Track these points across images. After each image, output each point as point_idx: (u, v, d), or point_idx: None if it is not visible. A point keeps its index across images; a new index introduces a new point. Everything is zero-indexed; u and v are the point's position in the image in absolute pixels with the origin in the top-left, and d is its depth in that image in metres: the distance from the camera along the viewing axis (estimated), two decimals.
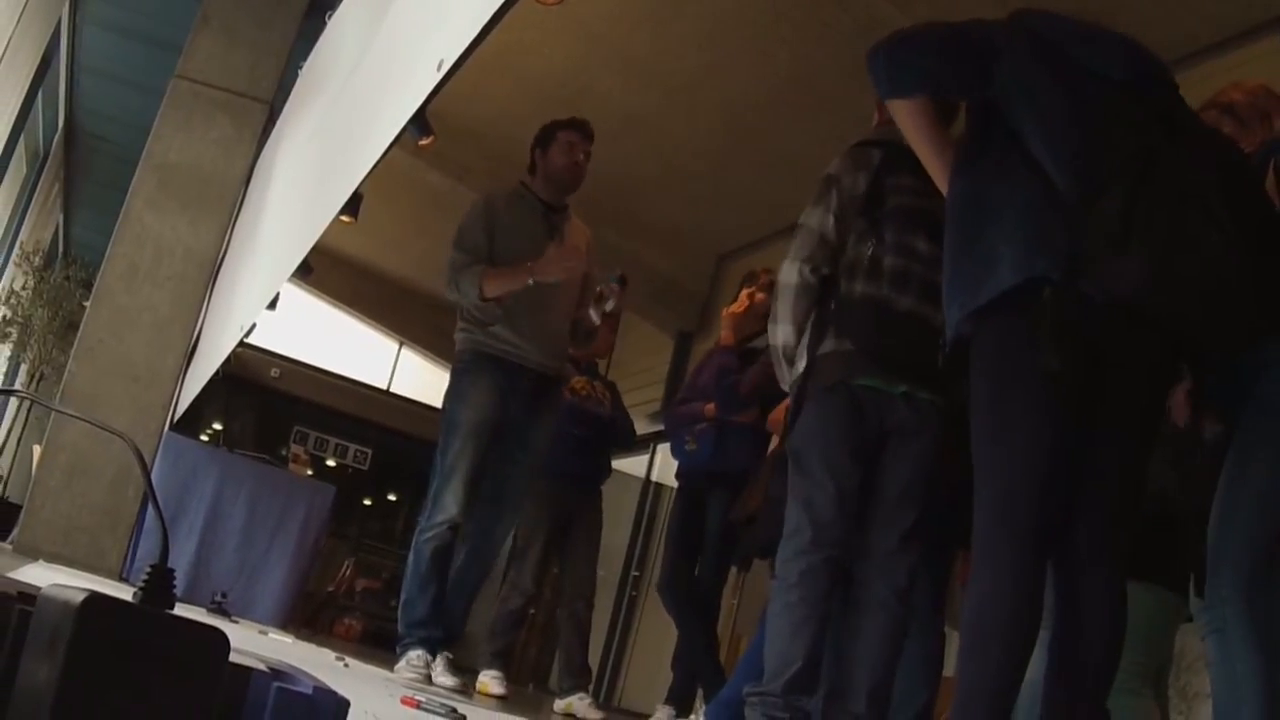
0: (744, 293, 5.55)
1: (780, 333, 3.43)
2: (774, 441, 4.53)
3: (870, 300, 3.28)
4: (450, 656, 4.74)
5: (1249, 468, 2.86)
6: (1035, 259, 2.43)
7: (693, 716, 5.24)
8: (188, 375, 7.64)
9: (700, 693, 5.49)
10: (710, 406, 5.37)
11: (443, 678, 4.49)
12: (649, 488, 10.68)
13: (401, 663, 4.48)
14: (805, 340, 3.37)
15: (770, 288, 5.17)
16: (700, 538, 5.42)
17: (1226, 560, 2.83)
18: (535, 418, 4.83)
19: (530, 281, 4.60)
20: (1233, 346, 2.68)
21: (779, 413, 3.91)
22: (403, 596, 4.68)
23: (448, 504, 4.58)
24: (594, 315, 4.84)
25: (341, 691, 1.01)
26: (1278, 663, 2.70)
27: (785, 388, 3.48)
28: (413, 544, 4.68)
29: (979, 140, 2.70)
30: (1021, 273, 2.44)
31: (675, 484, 5.82)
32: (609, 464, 6.17)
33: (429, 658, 4.50)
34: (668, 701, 5.50)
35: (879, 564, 3.26)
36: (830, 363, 3.31)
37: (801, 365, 3.35)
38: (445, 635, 4.70)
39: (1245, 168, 2.52)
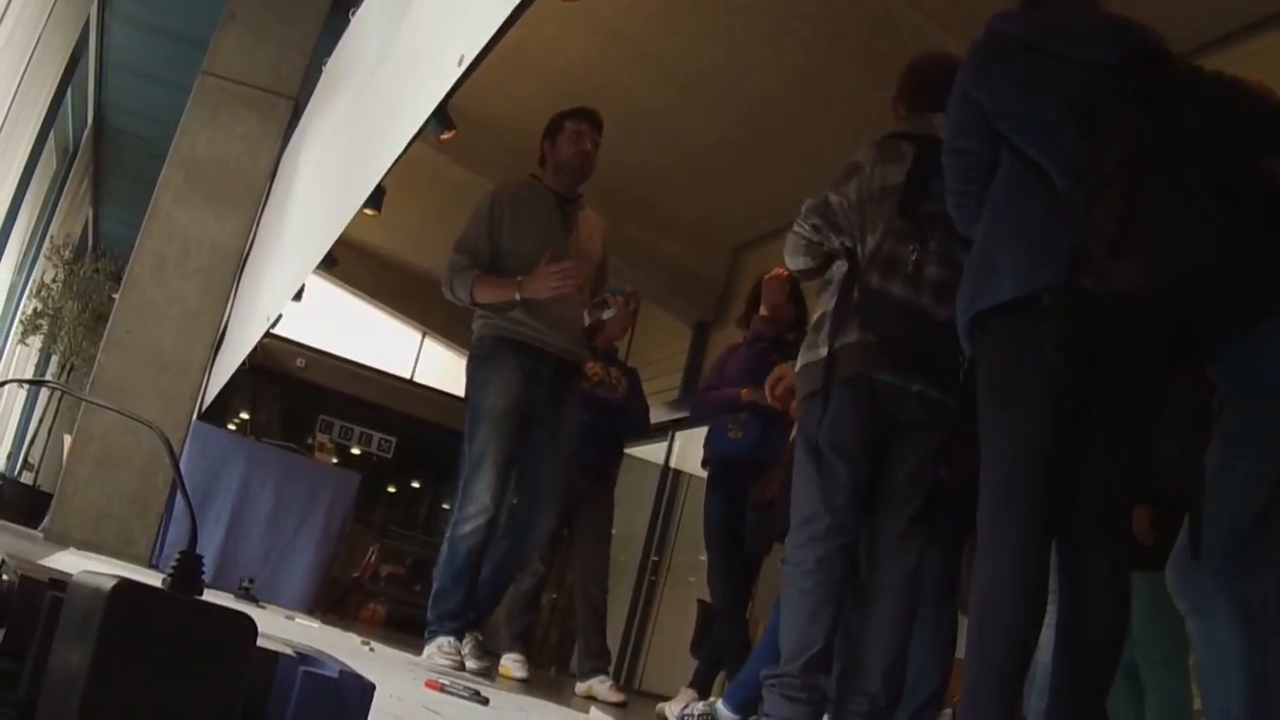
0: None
1: (792, 263, 3.56)
2: (795, 429, 4.59)
3: (906, 304, 3.27)
4: (480, 638, 4.81)
5: (1234, 454, 2.93)
6: (1036, 269, 2.48)
7: (711, 698, 5.32)
8: (215, 365, 7.66)
9: (724, 675, 5.58)
10: (746, 390, 5.35)
11: (470, 661, 4.55)
12: (668, 474, 10.71)
13: (431, 648, 4.48)
14: (826, 329, 3.38)
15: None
16: (742, 527, 5.41)
17: (1208, 543, 2.92)
18: (560, 404, 4.80)
19: (516, 297, 4.58)
20: (1227, 327, 2.74)
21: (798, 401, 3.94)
22: (435, 585, 4.64)
23: (479, 494, 4.55)
24: (587, 317, 4.83)
25: (367, 675, 1.01)
26: (1257, 641, 2.79)
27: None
28: (448, 536, 4.62)
29: None
30: (1023, 286, 2.49)
31: (703, 473, 5.77)
32: (620, 451, 6.18)
33: (458, 644, 4.50)
34: (691, 685, 5.58)
35: (888, 547, 3.30)
36: (851, 354, 3.32)
37: (822, 353, 3.36)
38: (476, 616, 4.74)
39: (1241, 139, 2.50)
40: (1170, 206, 2.35)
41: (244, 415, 13.25)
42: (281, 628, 3.97)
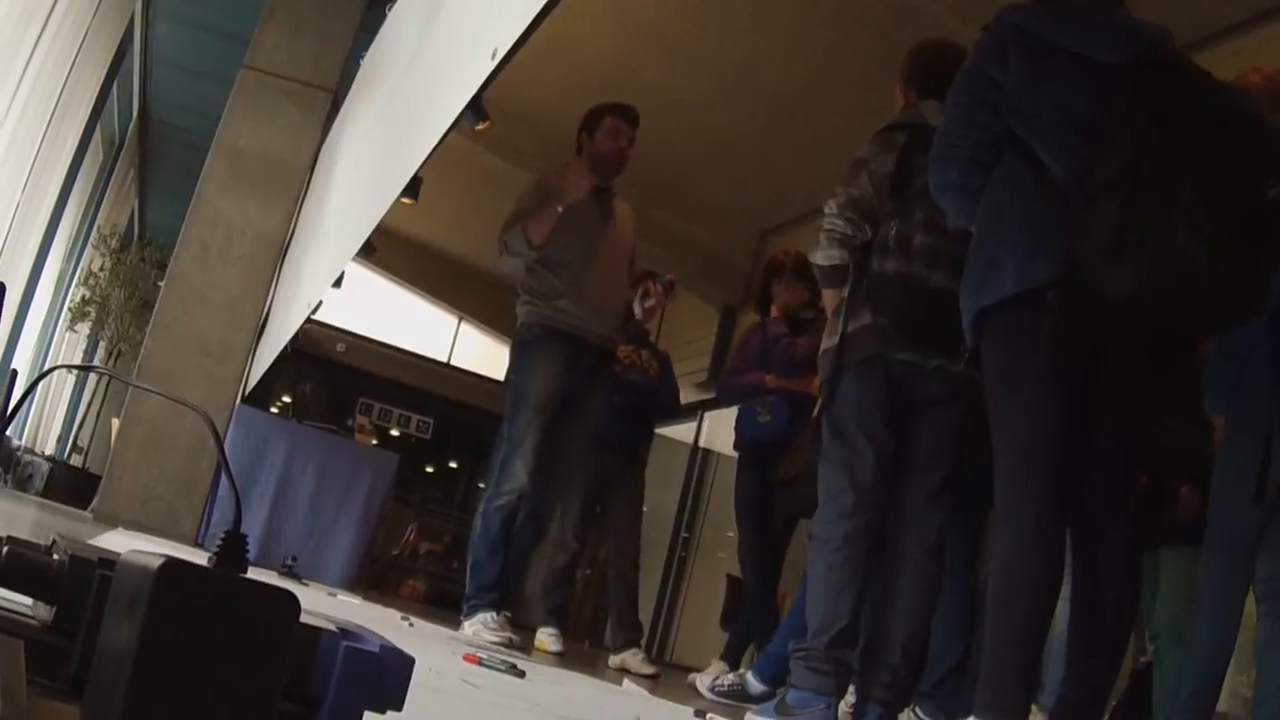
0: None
1: (826, 257, 3.50)
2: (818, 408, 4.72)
3: (902, 277, 3.32)
4: (509, 615, 4.94)
5: (1230, 453, 3.13)
6: (1036, 267, 2.54)
7: (742, 670, 5.45)
8: (258, 350, 7.79)
9: (754, 647, 5.72)
10: (770, 376, 5.48)
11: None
12: (697, 453, 10.86)
13: (475, 623, 4.64)
14: (842, 314, 3.45)
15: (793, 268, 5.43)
16: (772, 506, 5.50)
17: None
18: (593, 392, 5.01)
19: (559, 210, 4.79)
20: (1216, 332, 2.87)
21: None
22: (471, 559, 4.82)
23: (516, 472, 4.72)
24: (636, 309, 5.11)
25: (408, 649, 1.01)
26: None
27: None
28: (481, 510, 4.80)
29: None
30: (1023, 283, 2.56)
31: (734, 454, 5.85)
32: (651, 431, 6.27)
33: (500, 619, 4.67)
34: (722, 657, 5.69)
35: (910, 523, 3.36)
36: (866, 336, 3.39)
37: (836, 339, 3.43)
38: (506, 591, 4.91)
39: (1241, 149, 2.49)
40: (1163, 218, 2.39)
41: (286, 398, 13.39)
42: (324, 604, 4.00)
